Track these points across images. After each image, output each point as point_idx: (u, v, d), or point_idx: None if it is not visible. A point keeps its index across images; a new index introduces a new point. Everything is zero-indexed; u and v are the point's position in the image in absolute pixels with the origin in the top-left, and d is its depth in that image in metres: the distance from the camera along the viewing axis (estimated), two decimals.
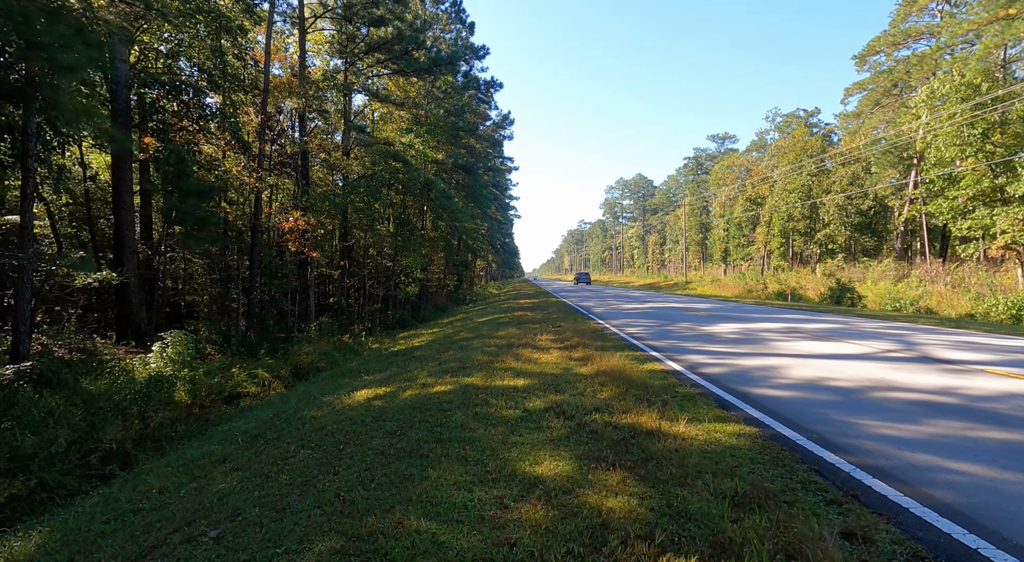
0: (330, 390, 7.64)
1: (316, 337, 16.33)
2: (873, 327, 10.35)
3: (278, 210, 15.67)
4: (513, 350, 7.98)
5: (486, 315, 17.04)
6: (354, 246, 20.64)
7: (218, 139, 15.16)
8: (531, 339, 9.22)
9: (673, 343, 8.23)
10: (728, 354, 6.98)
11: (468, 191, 28.72)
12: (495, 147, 40.54)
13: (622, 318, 13.08)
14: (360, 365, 10.44)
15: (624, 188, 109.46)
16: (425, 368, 7.41)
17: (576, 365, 6.40)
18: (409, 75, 21.27)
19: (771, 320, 11.79)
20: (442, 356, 8.48)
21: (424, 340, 13.23)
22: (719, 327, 10.44)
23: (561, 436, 3.62)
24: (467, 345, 9.34)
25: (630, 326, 11.19)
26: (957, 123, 28.32)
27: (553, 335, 9.66)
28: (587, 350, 7.45)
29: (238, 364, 11.05)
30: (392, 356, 10.58)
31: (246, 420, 6.73)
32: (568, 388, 5.08)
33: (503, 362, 6.87)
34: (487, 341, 9.42)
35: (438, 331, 15.46)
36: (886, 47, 36.80)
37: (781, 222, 43.07)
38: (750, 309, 15.80)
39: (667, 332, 9.76)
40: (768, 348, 7.43)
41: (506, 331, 10.78)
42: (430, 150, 20.77)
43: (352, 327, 17.09)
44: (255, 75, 16.76)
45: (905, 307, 21.50)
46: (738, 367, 6.05)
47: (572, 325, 11.13)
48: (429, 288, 27.04)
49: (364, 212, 16.95)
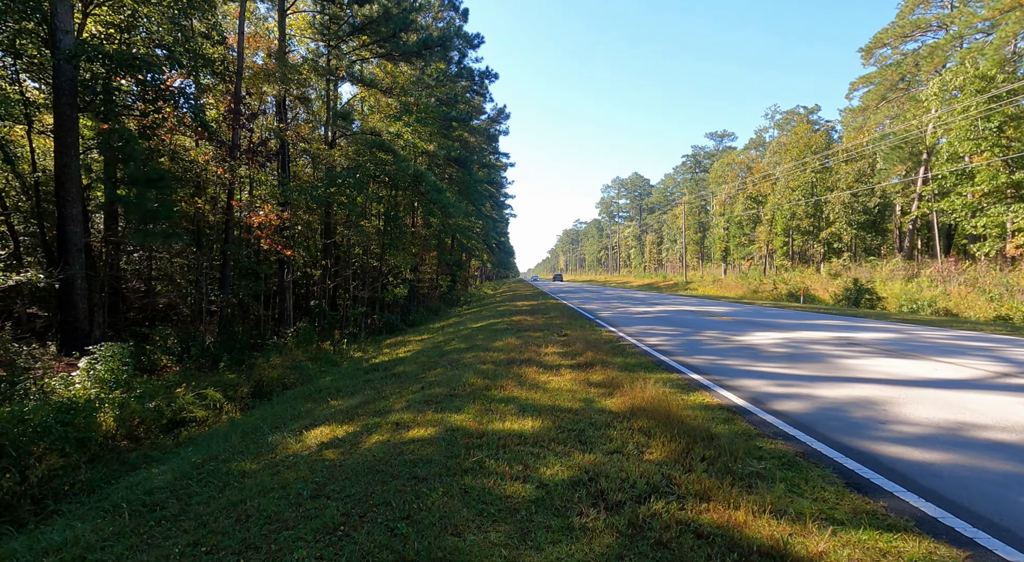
0: (286, 420, 6.10)
1: (293, 345, 14.75)
2: (940, 337, 8.83)
3: (257, 205, 14.05)
4: (514, 369, 6.47)
5: (481, 319, 15.53)
6: (338, 244, 19.03)
7: (186, 127, 13.51)
8: (535, 352, 7.72)
9: (711, 360, 6.73)
10: (793, 378, 5.49)
11: (461, 186, 27.16)
12: (490, 142, 39.03)
13: (635, 324, 11.61)
14: (333, 382, 8.89)
15: (620, 187, 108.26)
16: (404, 394, 5.89)
17: (599, 394, 4.90)
18: (397, 60, 19.69)
19: (808, 327, 10.32)
20: (427, 375, 6.96)
21: (411, 350, 11.69)
22: (754, 336, 8.97)
23: (607, 552, 2.13)
24: (458, 360, 7.83)
25: (648, 335, 9.71)
26: (971, 116, 27.13)
27: (560, 347, 8.17)
28: (607, 370, 5.96)
29: (192, 381, 9.46)
30: (371, 371, 9.04)
31: (170, 465, 5.18)
32: (597, 438, 3.58)
33: (502, 388, 5.37)
34: (482, 355, 7.91)
35: (428, 338, 13.92)
36: (893, 39, 35.64)
37: (784, 220, 41.83)
38: (771, 313, 14.38)
39: (696, 343, 8.28)
40: (838, 369, 5.95)
41: (504, 341, 9.28)
42: (420, 141, 19.20)
43: (334, 333, 15.51)
44: (223, 54, 15.12)
45: (922, 308, 20.26)
46: (822, 401, 4.55)
47: (581, 334, 9.65)
48: (420, 289, 25.47)
49: (347, 207, 15.36)
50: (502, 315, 15.58)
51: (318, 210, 16.99)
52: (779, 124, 63.11)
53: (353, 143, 16.46)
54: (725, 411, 4.20)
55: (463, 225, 32.96)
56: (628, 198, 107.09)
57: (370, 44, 19.11)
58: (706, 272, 60.98)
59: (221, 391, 8.77)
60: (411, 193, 18.83)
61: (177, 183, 13.03)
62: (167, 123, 12.85)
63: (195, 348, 11.74)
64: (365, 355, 13.70)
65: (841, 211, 38.23)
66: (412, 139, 18.37)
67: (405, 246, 19.74)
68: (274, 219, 12.70)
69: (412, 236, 23.10)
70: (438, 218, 19.17)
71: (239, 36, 16.19)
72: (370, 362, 10.94)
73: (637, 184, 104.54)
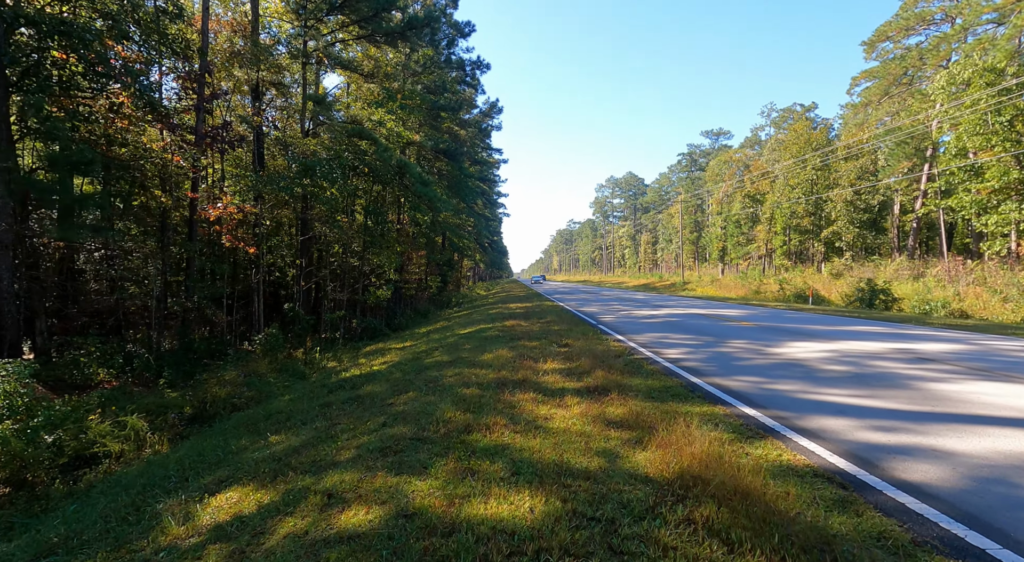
0: (204, 467, 4.62)
1: (261, 353, 13.20)
2: (1017, 349, 7.42)
3: (216, 195, 12.45)
4: (505, 395, 5.04)
5: (471, 324, 14.07)
6: (318, 241, 17.45)
7: (142, 110, 11.86)
8: (530, 369, 6.29)
9: (757, 383, 5.30)
10: (888, 416, 4.00)
11: (451, 181, 25.65)
12: (482, 137, 37.58)
13: (644, 331, 10.20)
14: (290, 403, 7.41)
15: (615, 187, 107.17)
16: (360, 432, 4.44)
17: (623, 442, 3.48)
18: (380, 43, 18.17)
19: (848, 335, 8.88)
20: (396, 402, 5.50)
21: (389, 361, 10.20)
22: (792, 348, 7.55)
23: None
24: (438, 379, 6.38)
25: (664, 345, 8.30)
26: (981, 110, 26.07)
27: (562, 362, 6.74)
28: (627, 399, 4.55)
29: (122, 401, 7.91)
30: (336, 390, 7.57)
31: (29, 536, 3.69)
32: (638, 546, 2.16)
33: (488, 429, 3.93)
34: (466, 372, 6.46)
35: (410, 346, 12.44)
36: (896, 33, 34.66)
37: (784, 219, 40.74)
38: (791, 317, 13.03)
39: (726, 358, 6.86)
40: (936, 399, 4.42)
41: (494, 352, 7.84)
42: (405, 130, 17.69)
43: (306, 340, 13.97)
44: (183, 30, 13.53)
45: (935, 310, 19.13)
46: (963, 461, 2.98)
47: (584, 344, 8.23)
48: (407, 291, 23.92)
49: (321, 200, 13.82)
50: (494, 319, 14.13)
51: (292, 204, 15.44)
52: (775, 122, 62.31)
53: (330, 131, 14.92)
54: (826, 482, 2.77)
55: (454, 223, 31.45)
56: (622, 198, 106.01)
57: (349, 25, 17.58)
58: (703, 272, 59.96)
59: (151, 416, 7.24)
60: (395, 187, 17.32)
61: (123, 171, 11.44)
62: (123, 108, 11.27)
63: (139, 360, 10.18)
64: (339, 366, 12.19)
65: (843, 209, 37.20)
66: (396, 128, 16.86)
67: (389, 244, 18.22)
68: (234, 212, 11.15)
69: (398, 233, 21.57)
70: (424, 213, 17.67)
71: (203, 11, 14.64)
72: (340, 376, 9.44)
73: (631, 183, 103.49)
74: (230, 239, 11.50)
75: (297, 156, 13.69)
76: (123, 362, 10.17)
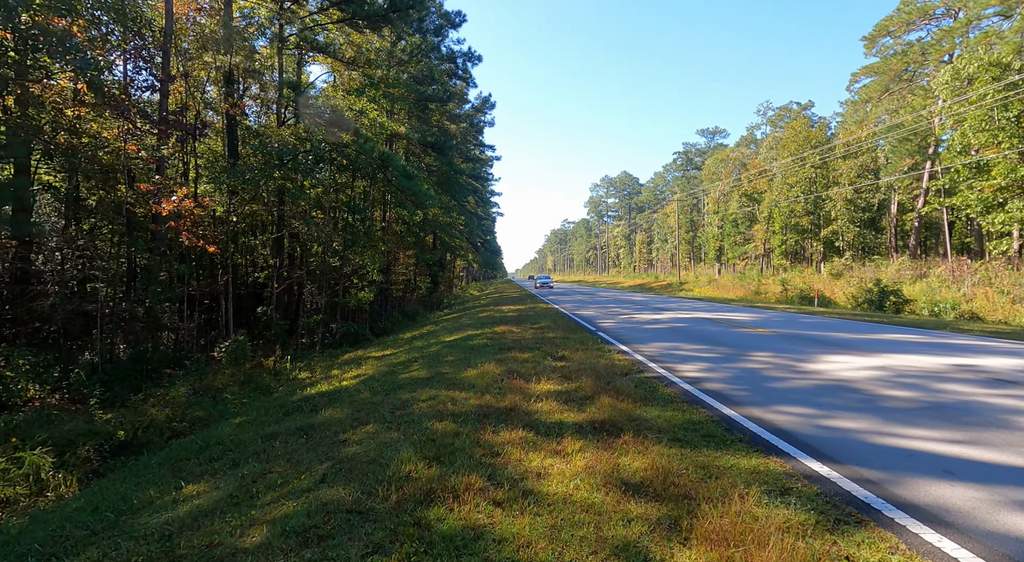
0: (77, 540, 3.45)
1: (227, 363, 11.98)
2: None
3: (171, 187, 11.13)
4: (486, 435, 3.90)
5: (458, 329, 12.92)
6: (295, 239, 16.20)
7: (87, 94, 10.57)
8: (521, 393, 5.16)
9: (809, 418, 4.13)
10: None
11: (440, 177, 24.44)
12: (474, 133, 36.40)
13: (650, 339, 9.09)
14: (237, 430, 6.24)
15: (609, 186, 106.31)
16: (286, 493, 3.28)
17: (651, 530, 2.36)
18: (362, 27, 16.93)
19: (887, 347, 7.58)
20: (351, 438, 4.35)
21: (362, 374, 9.03)
22: (830, 363, 6.37)
23: None
24: (408, 405, 5.23)
25: (675, 358, 7.18)
26: (987, 106, 25.26)
27: (558, 382, 5.62)
28: (646, 444, 3.43)
29: (38, 427, 6.68)
30: (293, 413, 6.40)
31: None
32: None
33: (456, 497, 2.80)
34: (443, 397, 5.32)
35: (390, 354, 11.27)
36: (897, 28, 33.90)
37: (783, 218, 39.90)
38: (807, 323, 11.92)
39: (755, 377, 5.73)
40: None
41: (479, 367, 6.70)
42: (389, 121, 16.47)
43: (276, 348, 12.74)
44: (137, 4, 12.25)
45: (944, 311, 18.24)
46: None
47: (584, 357, 7.11)
48: (393, 292, 22.70)
49: (292, 194, 12.60)
50: (483, 324, 12.99)
51: (265, 199, 14.19)
52: (772, 120, 61.64)
53: (305, 119, 13.70)
54: None
55: (444, 221, 30.21)
56: (617, 197, 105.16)
57: (329, 7, 16.36)
58: (699, 272, 59.12)
59: (69, 447, 6.02)
60: (377, 180, 16.11)
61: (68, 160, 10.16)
62: (81, 94, 9.99)
63: (76, 374, 8.92)
64: (311, 377, 10.99)
65: (843, 208, 36.41)
66: (379, 118, 15.66)
67: (373, 243, 17.01)
68: (191, 206, 9.90)
69: (383, 231, 20.35)
70: (409, 210, 16.46)
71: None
72: (305, 392, 8.25)
73: (626, 183, 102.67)
74: (188, 237, 10.25)
75: (265, 146, 12.44)
76: (59, 376, 8.91)
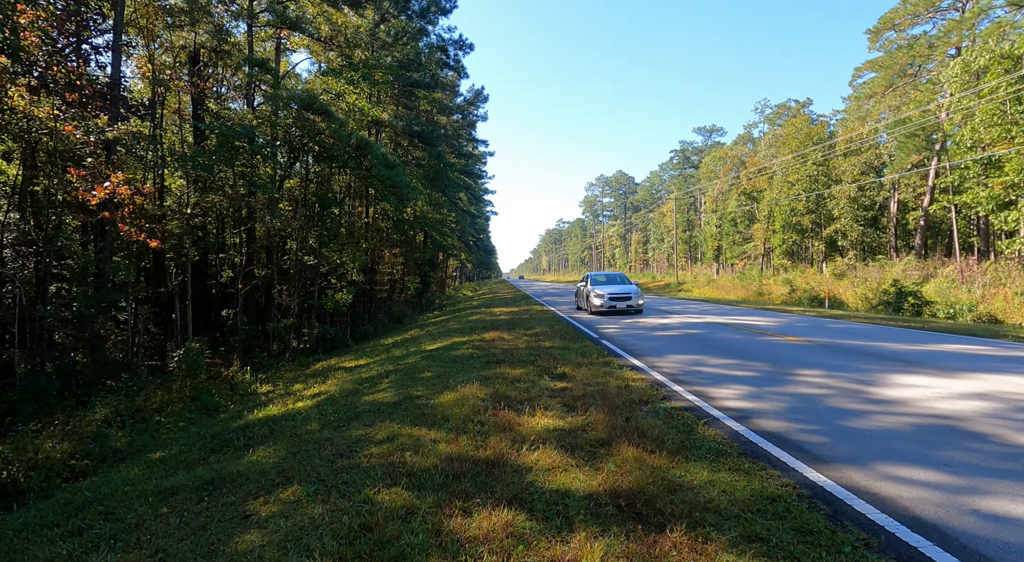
0: None
1: (180, 374, 10.50)
2: None
3: (105, 172, 9.63)
4: (454, 519, 2.50)
5: (444, 335, 11.51)
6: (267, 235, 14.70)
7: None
8: (510, 433, 3.77)
9: (955, 497, 2.53)
10: None
11: (430, 171, 22.97)
12: (466, 127, 34.98)
13: (665, 352, 7.71)
14: (143, 475, 4.82)
15: (604, 185, 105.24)
16: None
17: None
18: (340, 5, 15.49)
19: (961, 363, 5.84)
20: (258, 512, 2.93)
21: (324, 392, 7.59)
22: (915, 390, 4.76)
23: None
24: (355, 451, 3.83)
25: (704, 377, 5.81)
26: (999, 99, 24.20)
27: (560, 415, 4.24)
28: (709, 553, 2.08)
29: None
30: (220, 450, 5.00)
31: None
32: None
33: None
34: (404, 437, 3.92)
35: (364, 364, 9.83)
36: (901, 21, 32.89)
37: (784, 216, 38.80)
38: (841, 329, 10.52)
39: (822, 409, 4.18)
40: None
41: (460, 389, 5.31)
42: (370, 106, 15.01)
43: (235, 357, 11.28)
44: None
45: (961, 314, 17.10)
46: None
47: (588, 374, 5.75)
48: (378, 293, 21.23)
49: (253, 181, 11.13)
50: (472, 329, 11.59)
51: (228, 189, 12.70)
52: (770, 118, 60.79)
53: (271, 100, 12.23)
54: None
55: (434, 218, 28.73)
56: (612, 196, 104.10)
57: None
58: (697, 272, 58.05)
59: None
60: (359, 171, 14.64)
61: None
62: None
63: None
64: (271, 391, 9.54)
65: (847, 206, 35.35)
66: (358, 101, 14.22)
67: (354, 239, 15.55)
68: (125, 192, 8.42)
69: (366, 228, 18.89)
70: (393, 204, 15.02)
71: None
72: (248, 417, 6.81)
73: (622, 182, 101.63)
74: (126, 229, 8.78)
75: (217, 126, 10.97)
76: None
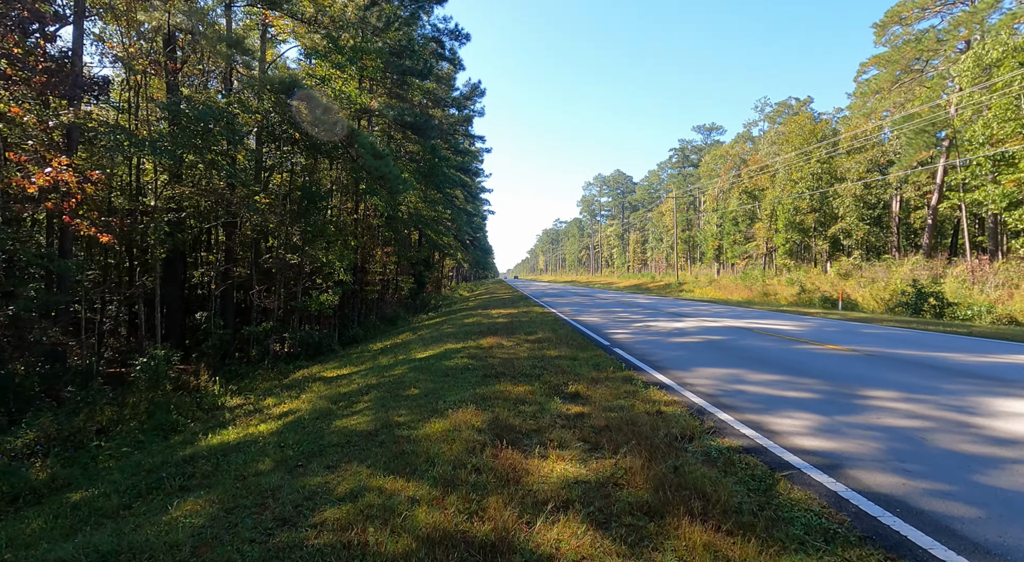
0: None
1: (141, 386, 9.39)
2: None
3: (46, 157, 8.54)
4: None
5: (436, 340, 10.43)
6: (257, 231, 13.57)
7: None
8: (514, 485, 2.72)
9: None
10: None
11: (424, 166, 21.86)
12: (462, 122, 33.89)
13: (692, 364, 6.66)
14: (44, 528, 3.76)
15: (602, 185, 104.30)
16: None
17: None
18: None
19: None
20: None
21: (295, 409, 6.51)
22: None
23: None
24: (302, 516, 2.76)
25: (749, 399, 4.78)
26: (1012, 94, 23.34)
27: (580, 457, 3.17)
28: None
29: None
30: (150, 492, 3.94)
31: None
32: None
33: None
34: (373, 494, 2.87)
35: (345, 375, 8.76)
36: (910, 14, 32.06)
37: (787, 215, 37.93)
38: (882, 335, 9.47)
39: (940, 456, 3.07)
40: None
41: (451, 416, 4.26)
42: (358, 93, 13.91)
43: (202, 366, 10.16)
44: None
45: (979, 316, 16.24)
46: None
47: (608, 394, 4.71)
48: (368, 294, 20.12)
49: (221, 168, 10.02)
50: (468, 334, 10.52)
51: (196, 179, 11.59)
52: (770, 116, 60.06)
53: (248, 84, 11.12)
54: None
55: (429, 215, 27.62)
56: (610, 196, 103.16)
57: None
58: (698, 272, 57.17)
59: None
60: (344, 161, 13.55)
61: None
62: None
63: None
64: (241, 405, 8.44)
65: (852, 205, 34.50)
66: (345, 87, 13.13)
67: (341, 236, 14.47)
68: (70, 179, 7.32)
69: (355, 224, 17.78)
70: (383, 198, 13.93)
71: None
72: (203, 442, 5.75)
73: (620, 182, 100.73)
74: (70, 220, 7.67)
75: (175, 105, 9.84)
76: None
